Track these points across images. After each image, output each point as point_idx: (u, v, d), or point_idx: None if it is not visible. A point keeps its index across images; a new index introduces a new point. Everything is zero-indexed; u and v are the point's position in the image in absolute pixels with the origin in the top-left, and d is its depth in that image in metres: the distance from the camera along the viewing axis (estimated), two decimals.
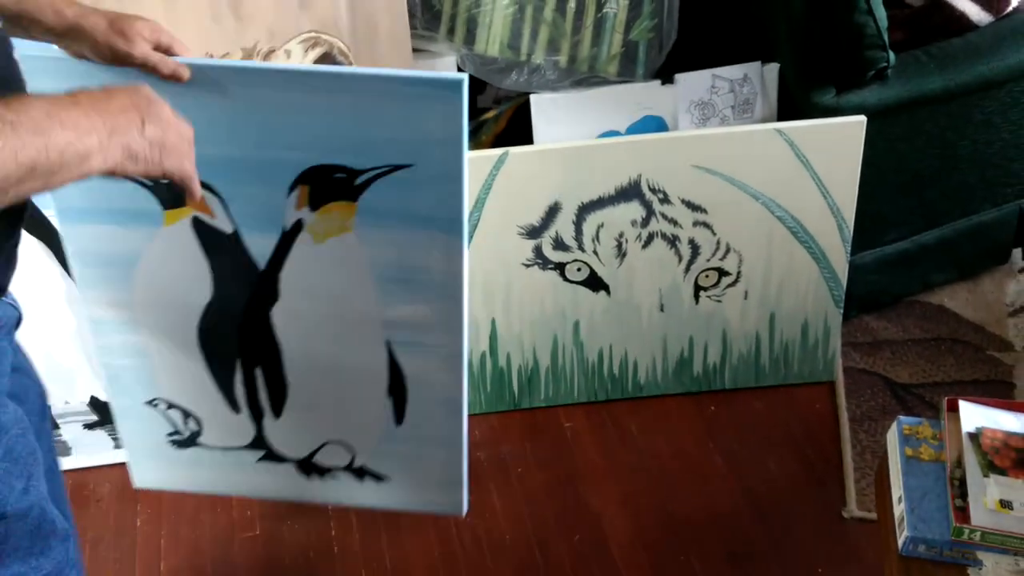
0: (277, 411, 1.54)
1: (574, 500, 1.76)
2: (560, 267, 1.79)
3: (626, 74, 1.71)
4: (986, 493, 1.03)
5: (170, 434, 1.58)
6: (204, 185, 1.14)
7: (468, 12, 1.67)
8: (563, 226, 1.75)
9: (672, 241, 1.78)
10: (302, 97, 1.20)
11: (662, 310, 1.85)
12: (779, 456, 1.83)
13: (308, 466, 1.60)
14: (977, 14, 1.80)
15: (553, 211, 1.73)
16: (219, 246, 1.37)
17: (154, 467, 1.62)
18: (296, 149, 1.26)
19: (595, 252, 1.78)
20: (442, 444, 1.52)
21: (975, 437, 1.07)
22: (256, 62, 1.32)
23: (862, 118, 1.69)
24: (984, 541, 1.03)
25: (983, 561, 1.03)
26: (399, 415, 1.51)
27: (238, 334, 1.46)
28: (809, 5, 1.61)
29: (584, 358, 1.89)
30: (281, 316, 1.43)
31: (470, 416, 1.63)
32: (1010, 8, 1.83)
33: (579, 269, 1.80)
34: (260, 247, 1.35)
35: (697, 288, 1.84)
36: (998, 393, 1.88)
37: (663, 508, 1.74)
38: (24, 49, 1.11)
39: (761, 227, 1.78)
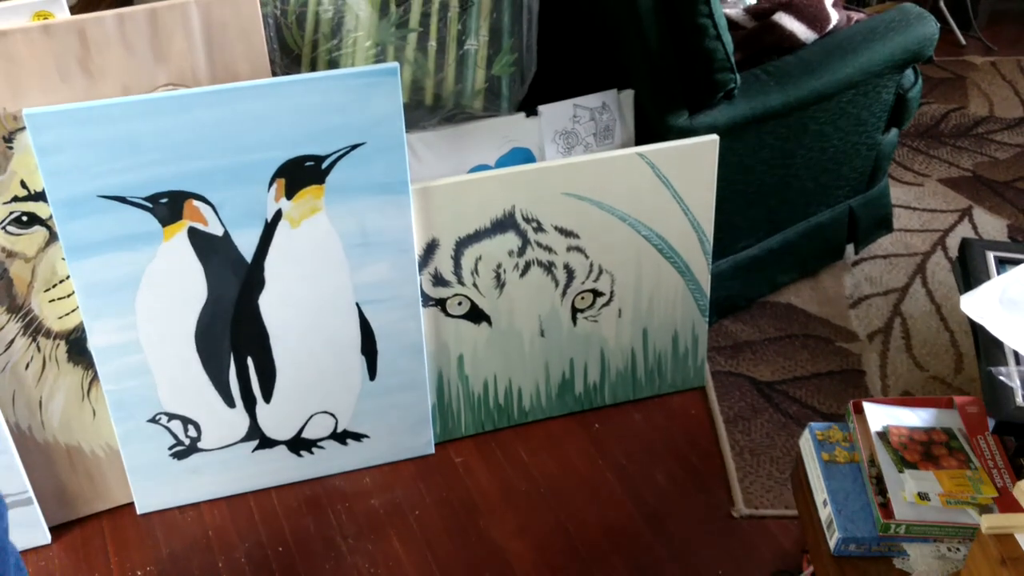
0: (268, 396, 1.71)
1: (476, 535, 1.73)
2: (441, 303, 1.76)
3: (491, 108, 1.70)
4: (904, 488, 1.08)
5: (171, 447, 1.71)
6: (197, 196, 1.49)
7: (329, 54, 1.62)
8: (442, 262, 1.72)
9: (548, 268, 1.79)
10: (272, 104, 1.45)
11: (542, 335, 1.85)
12: (665, 465, 1.86)
13: (298, 443, 1.78)
14: (804, 33, 1.91)
15: (431, 248, 1.70)
16: (212, 249, 1.55)
17: (157, 487, 1.74)
18: (271, 148, 1.49)
19: (475, 285, 1.76)
20: (410, 388, 1.78)
21: (883, 436, 1.13)
22: (230, 84, 1.43)
23: (715, 137, 1.75)
24: (908, 533, 1.08)
25: (908, 551, 1.08)
26: (372, 370, 1.74)
27: (230, 328, 1.63)
28: (662, 33, 1.65)
29: (470, 391, 1.87)
30: (268, 302, 1.63)
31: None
32: (831, 26, 1.95)
33: (460, 303, 1.77)
34: (246, 242, 1.56)
35: (574, 311, 1.85)
36: (852, 381, 2.00)
37: (563, 530, 1.73)
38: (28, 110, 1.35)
39: (630, 247, 1.81)
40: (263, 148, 1.50)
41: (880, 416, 1.16)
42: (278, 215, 1.57)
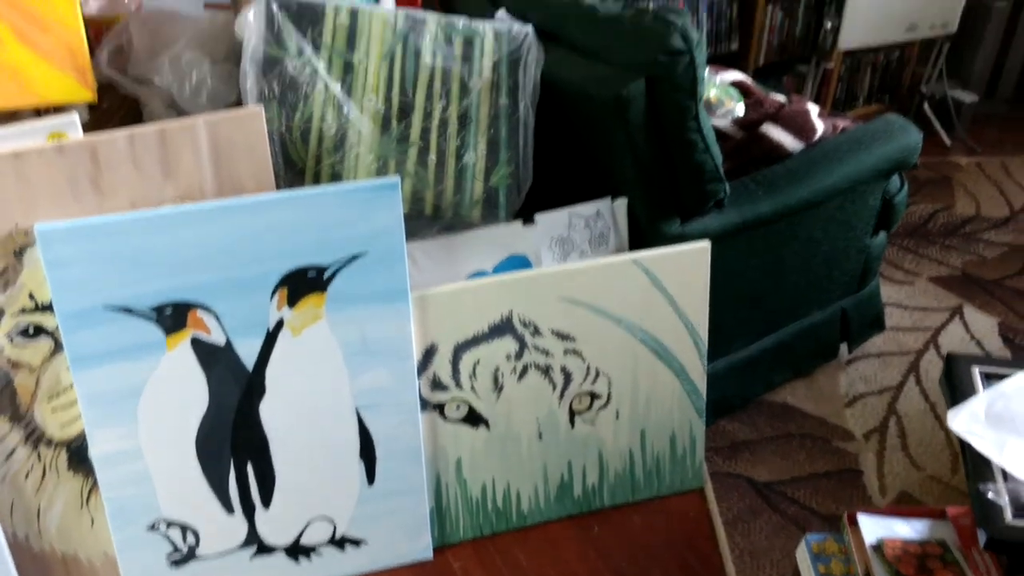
0: (267, 501, 1.71)
1: None
2: (439, 407, 1.77)
3: (489, 218, 1.74)
4: None
5: (169, 554, 1.70)
6: (201, 306, 1.51)
7: (332, 168, 1.66)
8: (440, 367, 1.73)
9: (545, 371, 1.80)
10: (276, 217, 1.48)
11: (540, 438, 1.85)
12: (665, 568, 1.84)
13: (296, 550, 1.76)
14: (791, 143, 1.97)
15: (430, 353, 1.72)
16: (214, 358, 1.57)
17: None
18: (274, 259, 1.52)
19: (473, 389, 1.77)
20: (408, 493, 1.77)
21: (878, 549, 1.13)
22: (235, 199, 1.46)
23: (707, 243, 1.78)
24: None
25: None
26: (370, 475, 1.74)
27: (231, 434, 1.63)
28: (653, 147, 1.70)
29: (468, 495, 1.86)
30: (268, 409, 1.64)
31: None
32: (817, 136, 2.00)
33: (458, 407, 1.78)
34: (248, 350, 1.58)
35: (572, 413, 1.85)
36: (849, 481, 1.99)
37: None
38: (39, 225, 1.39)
39: (626, 350, 1.83)
40: (267, 259, 1.53)
41: (874, 528, 1.16)
42: (280, 324, 1.59)
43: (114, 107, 1.77)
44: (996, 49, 3.48)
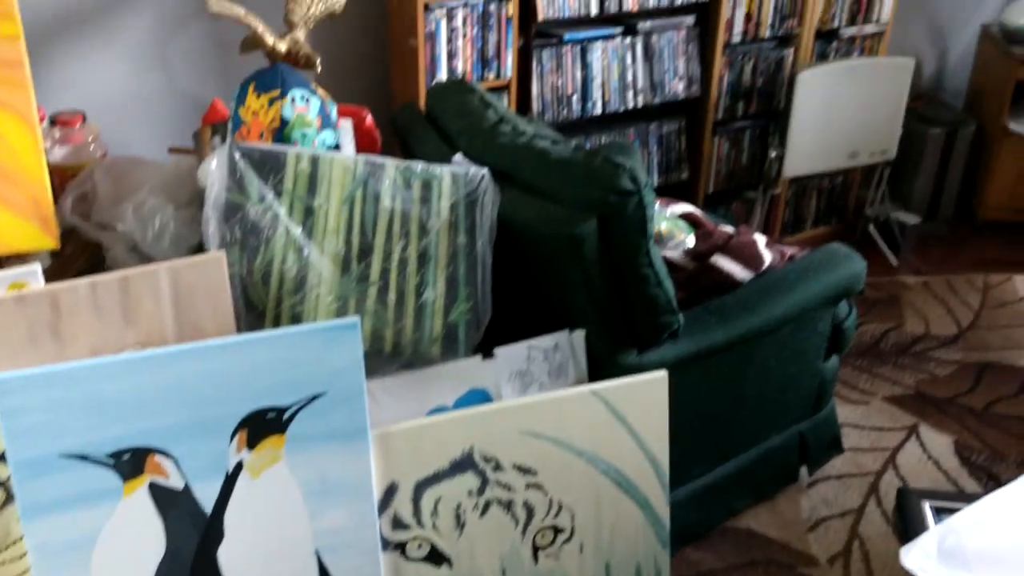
0: None
1: None
2: (400, 546, 1.74)
3: (449, 353, 1.77)
4: None
5: None
6: (159, 451, 1.47)
7: (292, 310, 1.69)
8: (401, 505, 1.72)
9: (508, 506, 1.79)
10: (236, 360, 1.47)
11: (504, 575, 1.83)
12: None
13: None
14: (740, 272, 2.03)
15: (390, 491, 1.70)
16: (172, 503, 1.53)
17: None
18: (234, 402, 1.50)
19: (435, 526, 1.75)
20: None
21: None
22: (195, 343, 1.46)
23: (664, 372, 1.81)
24: None
25: None
26: None
27: None
28: (607, 281, 1.75)
29: None
30: (226, 553, 1.59)
31: None
32: (765, 266, 2.07)
33: (420, 546, 1.75)
34: (207, 494, 1.54)
35: (535, 548, 1.83)
36: None
37: None
38: None
39: (588, 482, 1.83)
40: (227, 402, 1.53)
41: None
42: (239, 466, 1.58)
43: (76, 252, 1.79)
44: (934, 173, 3.64)
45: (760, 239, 2.12)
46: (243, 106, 1.82)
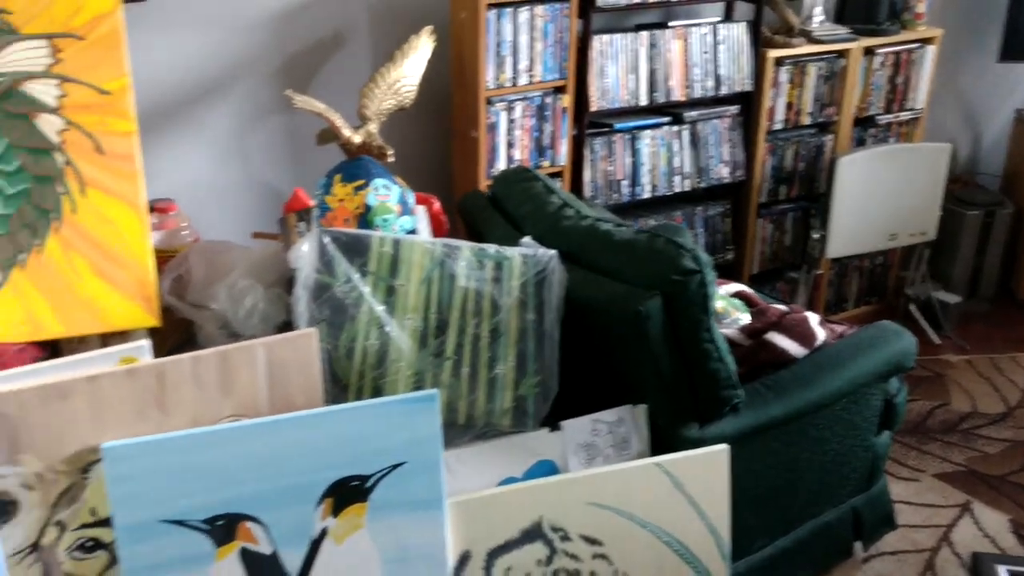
0: None
1: None
2: None
3: (518, 425, 1.83)
4: None
5: None
6: (250, 517, 1.54)
7: (374, 383, 1.77)
8: (474, 573, 1.76)
9: (575, 575, 1.83)
10: (323, 431, 1.54)
11: None
12: None
13: None
14: (795, 349, 2.09)
15: (464, 560, 1.75)
16: (260, 568, 1.58)
17: None
18: (321, 470, 1.56)
19: None
20: None
21: None
22: (288, 415, 1.53)
23: (725, 446, 1.86)
24: None
25: None
26: None
27: None
28: (671, 357, 1.82)
29: None
30: None
31: None
32: (818, 342, 2.13)
33: None
34: (292, 559, 1.59)
35: None
36: None
37: None
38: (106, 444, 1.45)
39: (652, 553, 1.86)
40: (314, 470, 1.59)
41: None
42: (323, 533, 1.64)
43: (171, 329, 1.90)
44: (973, 253, 3.69)
45: (813, 317, 2.18)
46: (329, 194, 1.94)
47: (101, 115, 1.71)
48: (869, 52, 3.33)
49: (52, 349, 1.78)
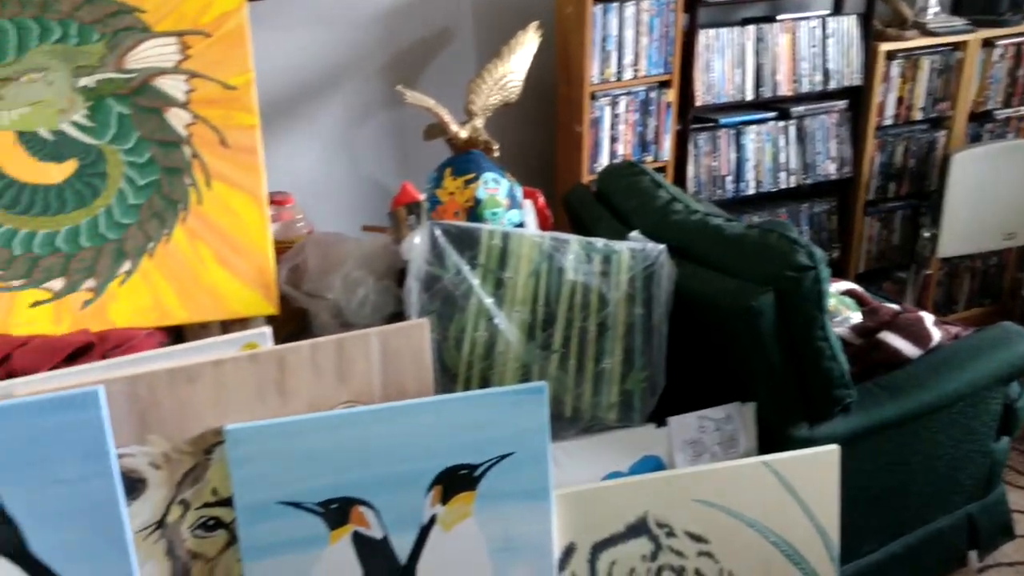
0: None
1: None
2: None
3: (624, 420, 1.83)
4: None
5: None
6: (363, 502, 1.58)
7: (482, 373, 1.79)
8: (578, 566, 1.77)
9: (679, 572, 1.81)
10: (434, 419, 1.58)
11: None
12: None
13: None
14: (909, 349, 2.03)
15: (568, 552, 1.76)
16: (371, 552, 1.62)
17: None
18: (432, 458, 1.60)
19: None
20: None
21: None
22: (402, 402, 1.57)
23: (836, 447, 1.82)
24: None
25: None
26: None
27: None
28: (782, 354, 1.78)
29: None
30: None
31: None
32: (933, 343, 2.06)
33: None
34: (403, 544, 1.63)
35: None
36: None
37: None
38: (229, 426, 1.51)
39: (758, 553, 1.84)
40: (424, 457, 1.62)
41: None
42: (432, 519, 1.66)
43: (286, 318, 1.95)
44: None
45: (928, 317, 2.11)
46: (440, 187, 1.97)
47: (226, 109, 1.78)
48: (988, 44, 3.20)
49: (176, 335, 1.85)
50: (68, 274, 1.76)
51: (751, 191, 3.00)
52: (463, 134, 2.22)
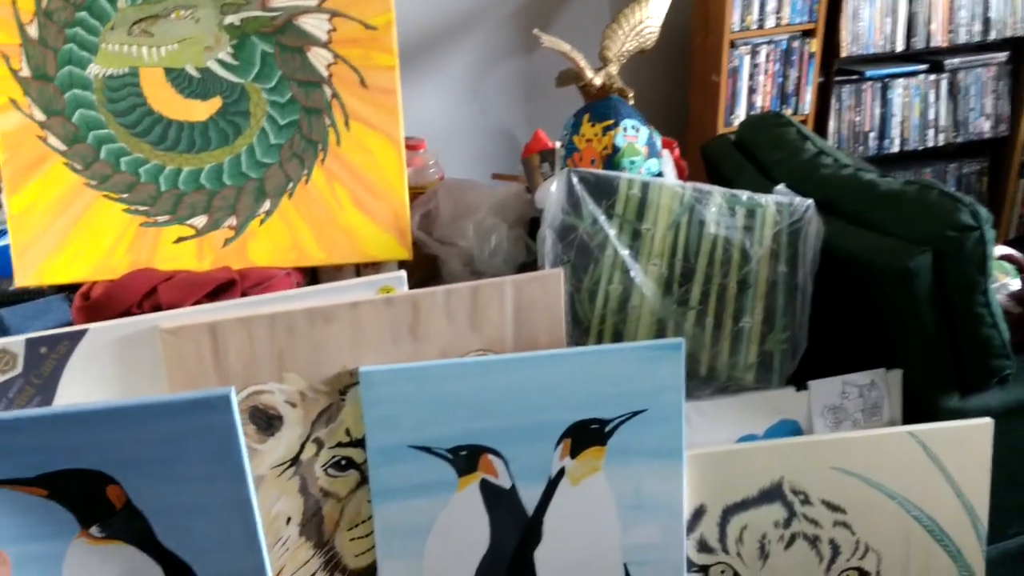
0: None
1: None
2: (704, 569, 1.74)
3: (762, 382, 1.75)
4: None
5: None
6: (491, 450, 1.57)
7: (615, 327, 1.74)
8: (708, 529, 1.72)
9: (813, 542, 1.74)
10: (566, 372, 1.54)
11: None
12: None
13: None
14: None
15: (699, 514, 1.71)
16: (499, 501, 1.62)
17: None
18: (562, 410, 1.57)
19: (739, 554, 1.73)
20: None
21: None
22: (532, 352, 1.55)
23: (990, 420, 1.70)
24: None
25: None
26: None
27: None
28: (937, 320, 1.67)
29: None
30: (543, 556, 1.66)
31: None
32: None
33: (723, 572, 1.74)
34: (530, 496, 1.63)
35: None
36: None
37: None
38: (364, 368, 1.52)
39: (898, 527, 1.74)
40: (555, 410, 1.59)
41: None
42: (561, 472, 1.64)
43: (417, 264, 1.94)
44: None
45: None
46: (577, 134, 1.91)
47: (366, 49, 1.76)
48: None
49: (312, 276, 1.86)
50: (211, 212, 1.79)
51: (895, 148, 2.84)
52: (597, 81, 2.15)
